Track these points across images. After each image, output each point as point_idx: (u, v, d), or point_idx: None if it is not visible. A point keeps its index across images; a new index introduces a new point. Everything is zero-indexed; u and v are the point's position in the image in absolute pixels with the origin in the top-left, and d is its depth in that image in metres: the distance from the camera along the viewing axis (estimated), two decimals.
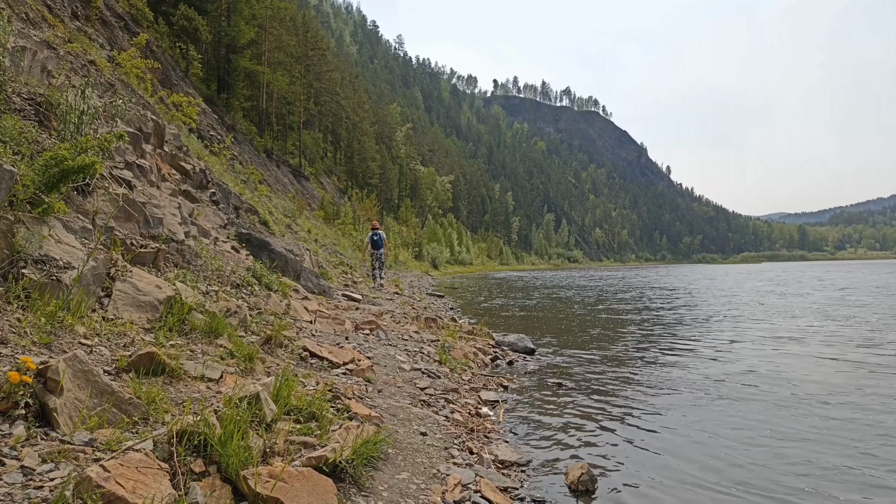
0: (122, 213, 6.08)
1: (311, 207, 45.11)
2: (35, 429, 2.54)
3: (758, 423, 6.01)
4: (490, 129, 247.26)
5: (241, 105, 45.63)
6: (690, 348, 10.95)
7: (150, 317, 4.63)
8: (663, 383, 7.97)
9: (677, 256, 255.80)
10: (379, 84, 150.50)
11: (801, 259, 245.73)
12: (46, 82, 7.29)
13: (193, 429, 2.78)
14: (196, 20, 35.54)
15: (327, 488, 2.92)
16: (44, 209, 4.36)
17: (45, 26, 9.73)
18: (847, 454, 5.05)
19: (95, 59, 11.00)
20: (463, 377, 7.70)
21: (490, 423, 5.80)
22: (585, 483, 4.25)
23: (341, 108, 75.84)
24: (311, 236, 26.41)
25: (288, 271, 11.84)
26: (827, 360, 9.60)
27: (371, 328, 9.08)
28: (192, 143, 17.39)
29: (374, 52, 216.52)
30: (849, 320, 15.12)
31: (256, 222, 15.88)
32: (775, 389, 7.52)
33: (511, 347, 10.68)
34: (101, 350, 3.69)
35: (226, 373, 4.23)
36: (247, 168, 30.33)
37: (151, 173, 8.52)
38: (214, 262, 7.70)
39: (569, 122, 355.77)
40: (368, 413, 4.51)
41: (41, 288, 3.75)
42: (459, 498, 3.61)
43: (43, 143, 5.30)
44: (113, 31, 20.33)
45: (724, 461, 4.89)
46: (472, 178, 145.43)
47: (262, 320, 6.76)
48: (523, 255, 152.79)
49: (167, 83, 27.39)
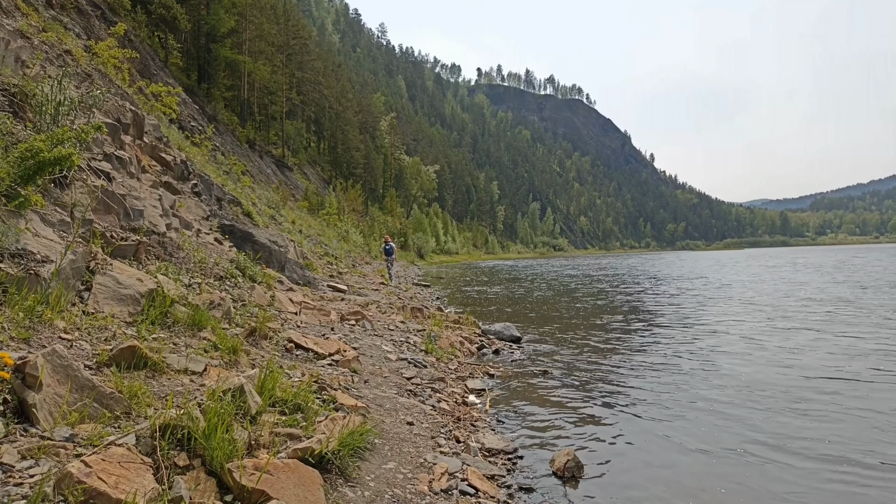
0: (102, 206, 5.99)
1: (295, 198, 44.74)
2: (14, 425, 2.50)
3: (739, 407, 6.11)
4: (474, 117, 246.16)
5: (222, 95, 44.98)
6: (675, 335, 11.07)
7: (132, 310, 4.57)
8: (647, 370, 8.05)
9: (661, 243, 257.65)
10: (362, 73, 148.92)
11: (782, 245, 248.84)
12: (21, 73, 7.13)
13: (177, 422, 2.76)
14: (175, 9, 34.87)
15: (314, 480, 2.91)
16: (20, 202, 4.27)
17: (19, 15, 9.49)
18: (811, 427, 5.16)
19: (71, 48, 10.75)
20: (449, 366, 7.72)
21: (477, 412, 5.83)
22: (572, 469, 4.29)
23: (324, 97, 75.05)
24: (295, 227, 26.20)
25: (272, 263, 11.76)
26: (811, 342, 9.75)
27: (357, 319, 9.06)
28: (172, 133, 17.13)
29: (357, 40, 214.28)
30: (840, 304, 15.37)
31: (240, 214, 15.72)
32: (757, 374, 7.64)
33: (497, 336, 10.71)
34: (82, 344, 3.63)
35: (209, 365, 4.20)
36: (229, 159, 29.96)
37: (131, 165, 8.38)
38: (197, 254, 7.62)
39: (553, 111, 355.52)
40: (355, 404, 4.50)
41: (19, 282, 3.68)
42: (447, 486, 3.63)
43: (18, 134, 5.18)
44: (89, 20, 19.88)
45: (711, 445, 4.96)
46: (457, 168, 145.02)
47: (247, 312, 6.71)
48: (509, 243, 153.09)
49: (146, 73, 26.89)
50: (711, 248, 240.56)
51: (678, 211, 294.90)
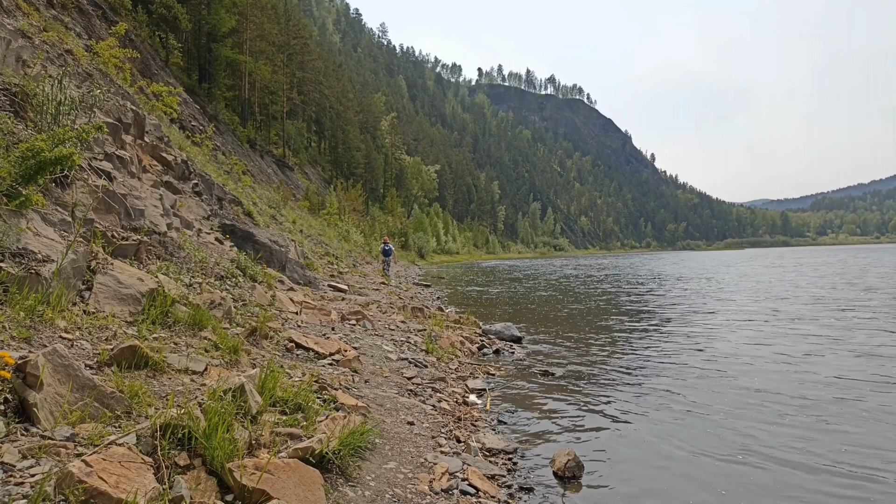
0: (103, 205, 5.99)
1: (296, 198, 44.73)
2: (15, 424, 2.50)
3: (743, 411, 6.10)
4: (475, 117, 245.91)
5: (223, 95, 45.00)
6: (675, 335, 11.07)
7: (133, 310, 4.57)
8: (649, 370, 8.05)
9: (662, 243, 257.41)
10: (363, 73, 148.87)
11: (783, 245, 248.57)
12: (22, 72, 7.14)
13: (177, 422, 2.76)
14: (175, 8, 34.88)
15: (314, 479, 2.91)
16: (21, 202, 4.28)
17: (20, 15, 9.50)
18: (816, 429, 5.16)
19: (72, 48, 10.76)
20: (450, 366, 7.72)
21: (477, 412, 5.83)
22: (572, 469, 4.28)
23: (325, 97, 75.04)
24: (295, 227, 26.19)
25: (273, 262, 11.76)
26: (804, 343, 9.75)
27: (357, 318, 9.06)
28: (173, 133, 17.14)
29: (358, 40, 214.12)
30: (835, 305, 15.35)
31: (240, 213, 15.72)
32: (754, 375, 7.63)
33: (498, 336, 10.71)
34: (83, 344, 3.63)
35: (210, 365, 4.20)
36: (230, 159, 29.94)
37: (132, 164, 8.39)
38: (198, 254, 7.62)
39: (554, 111, 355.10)
40: (355, 403, 4.50)
41: (20, 282, 3.69)
42: (447, 486, 3.63)
43: (19, 134, 5.18)
44: (90, 19, 19.89)
45: (710, 445, 4.96)
46: (457, 168, 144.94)
47: (247, 312, 6.71)
48: (509, 243, 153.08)
49: (147, 73, 26.90)
50: (712, 248, 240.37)
51: (679, 211, 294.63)
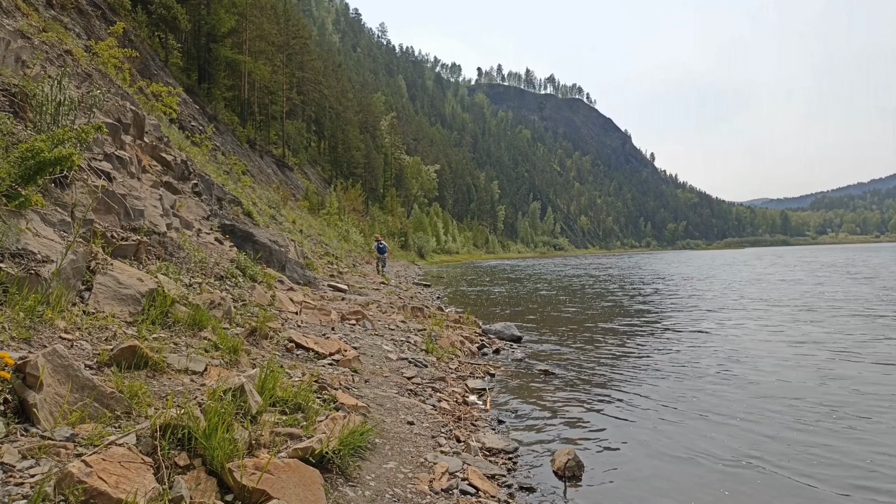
0: (102, 206, 5.99)
1: (296, 198, 44.71)
2: (14, 425, 2.50)
3: (745, 411, 6.10)
4: (475, 117, 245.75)
5: (222, 95, 44.95)
6: (675, 334, 11.07)
7: (133, 310, 4.57)
8: (650, 370, 8.05)
9: (662, 243, 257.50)
10: (362, 73, 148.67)
11: (783, 244, 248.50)
12: (21, 73, 7.13)
13: (177, 422, 2.76)
14: (175, 8, 34.85)
15: (314, 479, 2.91)
16: (21, 202, 4.28)
17: (19, 15, 9.49)
18: (812, 437, 5.16)
19: (72, 48, 10.76)
20: (450, 366, 7.72)
21: (477, 411, 5.83)
22: (572, 469, 4.29)
23: (324, 97, 75.00)
24: (295, 227, 26.20)
25: (273, 262, 11.76)
26: (807, 347, 9.75)
27: (357, 318, 9.06)
28: (172, 133, 17.14)
29: (357, 40, 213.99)
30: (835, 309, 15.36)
31: (240, 213, 15.72)
32: (757, 375, 7.63)
33: (498, 335, 10.71)
34: (83, 344, 3.63)
35: (210, 365, 4.19)
36: (229, 159, 29.93)
37: (131, 165, 8.39)
38: (198, 254, 7.62)
39: (553, 110, 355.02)
40: (355, 403, 4.50)
41: (19, 282, 3.68)
42: (447, 486, 3.62)
43: (18, 134, 5.18)
44: (89, 20, 19.87)
45: (713, 446, 4.95)
46: (457, 167, 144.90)
47: (247, 312, 6.71)
48: (509, 243, 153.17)
49: (146, 73, 26.88)
50: (712, 247, 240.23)
51: (679, 210, 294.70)
